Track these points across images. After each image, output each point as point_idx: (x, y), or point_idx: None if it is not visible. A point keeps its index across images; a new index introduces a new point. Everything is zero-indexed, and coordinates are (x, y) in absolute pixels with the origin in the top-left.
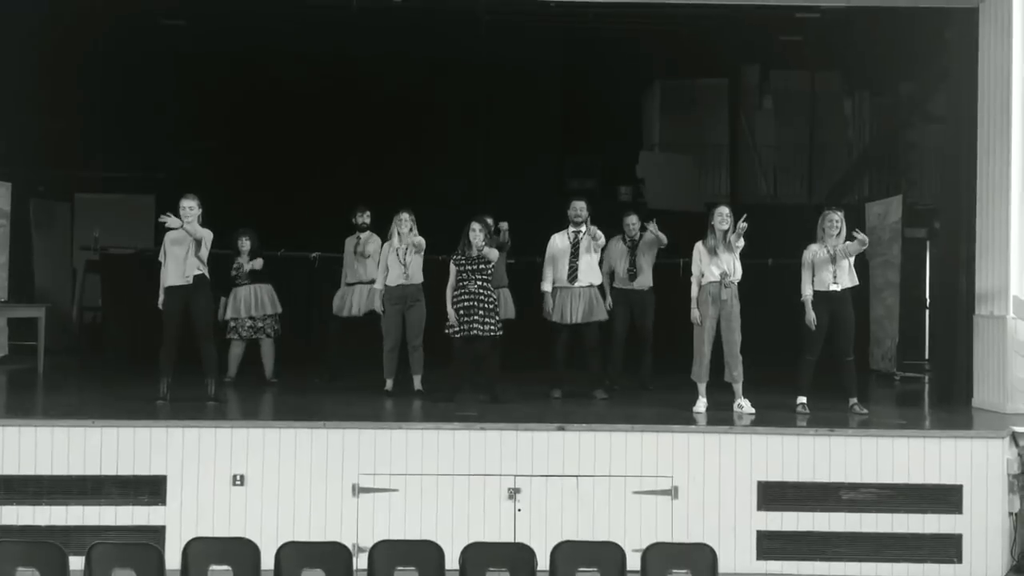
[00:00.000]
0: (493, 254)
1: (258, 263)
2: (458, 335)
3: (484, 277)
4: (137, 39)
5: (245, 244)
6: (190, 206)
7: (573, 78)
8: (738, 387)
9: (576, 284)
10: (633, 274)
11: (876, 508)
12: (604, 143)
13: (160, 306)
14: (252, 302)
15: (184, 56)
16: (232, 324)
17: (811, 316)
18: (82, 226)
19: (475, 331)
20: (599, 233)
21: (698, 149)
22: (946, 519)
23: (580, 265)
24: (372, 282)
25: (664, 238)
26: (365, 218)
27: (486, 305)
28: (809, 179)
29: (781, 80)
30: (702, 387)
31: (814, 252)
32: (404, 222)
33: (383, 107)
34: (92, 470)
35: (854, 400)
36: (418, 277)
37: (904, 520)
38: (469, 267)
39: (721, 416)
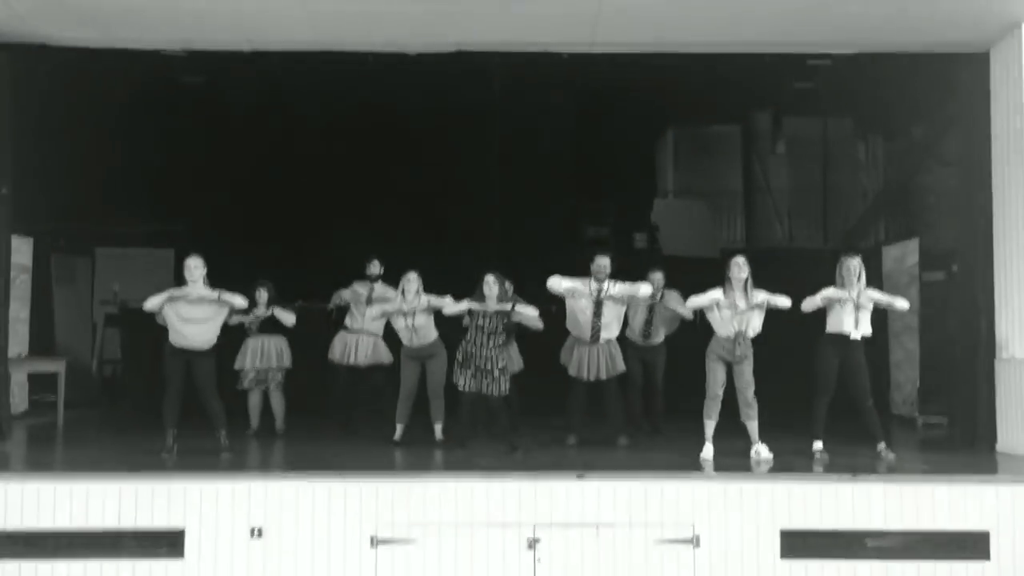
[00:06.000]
0: (530, 312)
1: (289, 318)
2: (468, 391)
3: (497, 339)
4: (157, 95)
5: (262, 295)
6: (195, 265)
7: (586, 127)
8: (754, 432)
9: (598, 343)
10: (647, 333)
11: (902, 556)
12: (618, 191)
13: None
14: (259, 353)
15: (203, 111)
16: (242, 375)
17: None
18: (102, 280)
19: (484, 391)
20: (644, 287)
21: (712, 195)
22: (973, 566)
23: (603, 323)
24: (376, 334)
25: (688, 314)
26: (376, 268)
27: (499, 365)
28: (824, 224)
29: (794, 126)
30: (710, 429)
31: (834, 291)
32: (411, 282)
33: (398, 159)
34: (110, 524)
35: (882, 445)
36: (431, 336)
37: (931, 568)
38: (487, 326)
39: (740, 463)
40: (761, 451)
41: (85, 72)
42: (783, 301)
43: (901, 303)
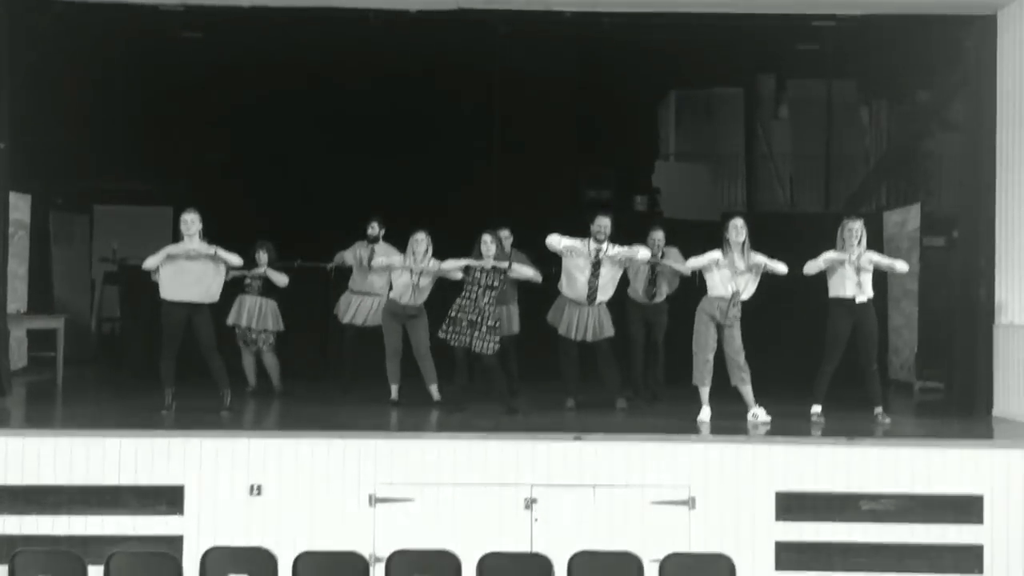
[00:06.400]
0: (526, 271)
1: (282, 280)
2: (457, 344)
3: (493, 294)
4: (155, 51)
5: (262, 256)
6: (192, 219)
7: (588, 88)
8: (749, 395)
9: (592, 305)
10: (652, 294)
11: (896, 519)
12: (619, 153)
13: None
14: (255, 314)
15: (202, 68)
16: (235, 331)
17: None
18: (100, 238)
19: (474, 346)
20: (642, 251)
21: (714, 158)
22: (967, 529)
23: (599, 284)
24: (379, 295)
25: (687, 271)
26: (376, 229)
27: (489, 322)
28: (826, 188)
29: (797, 89)
30: (705, 394)
31: (836, 254)
32: (420, 242)
33: (399, 118)
34: (111, 480)
35: (879, 409)
36: (424, 298)
37: (924, 531)
38: (483, 281)
39: (737, 425)
40: (759, 414)
41: (83, 27)
42: (780, 267)
43: (901, 265)
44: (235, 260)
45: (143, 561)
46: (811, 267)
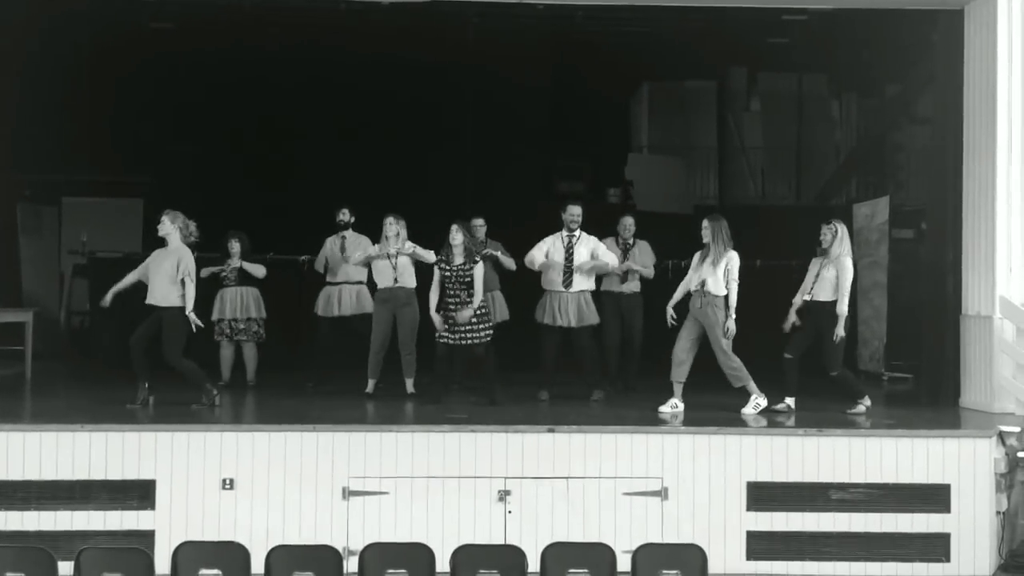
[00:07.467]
0: (478, 270)
1: (260, 271)
2: (451, 343)
3: (470, 289)
4: (125, 42)
5: (235, 247)
6: (160, 223)
7: (561, 80)
8: (752, 388)
9: (570, 290)
10: (624, 276)
11: (865, 508)
12: (592, 145)
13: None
14: (238, 304)
15: (172, 59)
16: (218, 326)
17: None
18: (69, 230)
19: (467, 339)
20: (612, 260)
21: (686, 151)
22: (934, 518)
23: (575, 267)
24: (359, 283)
25: (650, 275)
26: (346, 216)
27: (479, 311)
28: (797, 181)
29: (768, 82)
30: (679, 390)
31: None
32: (391, 225)
33: (370, 109)
34: (81, 475)
35: (852, 409)
36: (410, 282)
37: (893, 520)
38: (455, 276)
39: (710, 416)
40: (749, 411)
41: (52, 17)
42: (718, 287)
43: (844, 283)
44: (188, 263)
45: (114, 556)
46: (844, 303)
